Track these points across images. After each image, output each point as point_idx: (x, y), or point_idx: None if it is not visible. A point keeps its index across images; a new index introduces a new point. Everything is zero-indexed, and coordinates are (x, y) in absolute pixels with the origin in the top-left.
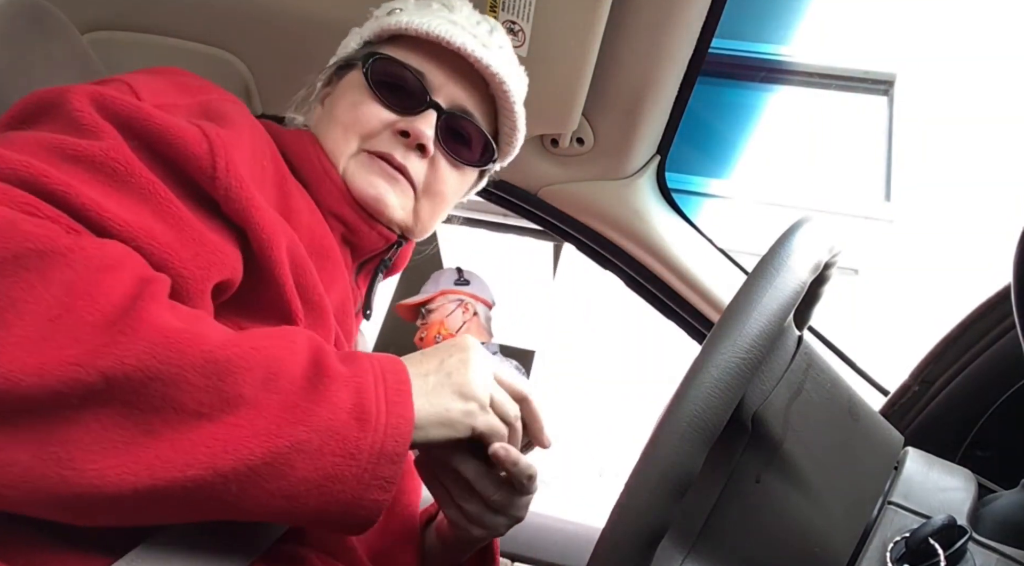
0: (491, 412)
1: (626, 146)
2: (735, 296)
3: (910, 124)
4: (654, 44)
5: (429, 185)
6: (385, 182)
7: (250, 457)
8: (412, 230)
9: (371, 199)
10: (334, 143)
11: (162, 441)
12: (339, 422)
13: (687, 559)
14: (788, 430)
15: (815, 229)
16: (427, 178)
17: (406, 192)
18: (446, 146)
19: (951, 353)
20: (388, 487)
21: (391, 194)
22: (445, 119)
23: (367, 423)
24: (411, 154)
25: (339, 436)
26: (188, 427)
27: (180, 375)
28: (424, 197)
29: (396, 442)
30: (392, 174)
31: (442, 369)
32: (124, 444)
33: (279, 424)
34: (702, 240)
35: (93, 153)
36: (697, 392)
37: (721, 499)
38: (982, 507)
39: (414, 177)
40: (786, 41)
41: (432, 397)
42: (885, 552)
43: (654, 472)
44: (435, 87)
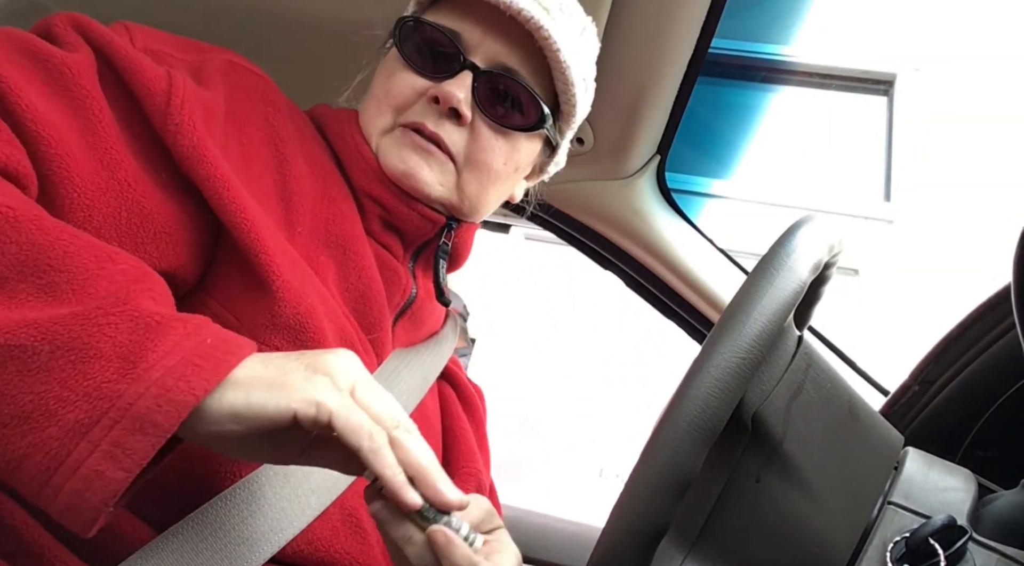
0: (348, 397)
1: (626, 146)
2: (735, 296)
3: (910, 124)
4: (654, 44)
5: (471, 155)
6: (417, 155)
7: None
8: (460, 209)
9: (402, 175)
10: (368, 119)
11: None
12: (92, 350)
13: (687, 559)
14: (788, 430)
15: (815, 229)
16: (467, 148)
17: (444, 166)
18: (486, 110)
19: (951, 353)
20: (124, 461)
21: (424, 169)
22: (483, 80)
23: (134, 365)
24: (445, 122)
25: (81, 364)
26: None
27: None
28: (467, 170)
29: (162, 404)
30: (424, 146)
31: (303, 357)
32: None
33: (21, 323)
34: (702, 240)
35: (52, 55)
36: (697, 392)
37: (721, 499)
38: (982, 507)
39: (451, 148)
40: (786, 41)
41: (270, 362)
42: (885, 552)
43: (654, 472)
44: (471, 46)
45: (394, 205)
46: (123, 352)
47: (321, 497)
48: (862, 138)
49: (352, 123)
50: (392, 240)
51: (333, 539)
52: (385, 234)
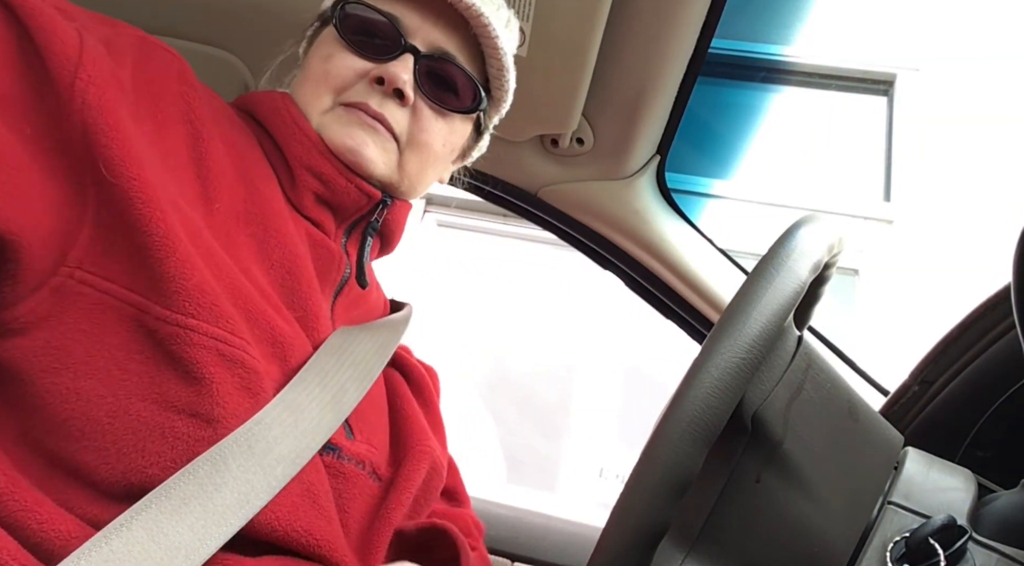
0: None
1: (626, 146)
2: (735, 296)
3: (910, 124)
4: (654, 44)
5: (413, 136)
6: (363, 132)
7: None
8: (398, 187)
9: (347, 150)
10: (306, 99)
11: None
12: None
13: (687, 559)
14: (788, 430)
15: (815, 229)
16: (410, 128)
17: (387, 145)
18: (427, 92)
19: (951, 353)
20: None
21: (369, 146)
22: (424, 63)
23: None
24: (389, 102)
25: None
26: None
27: None
28: (409, 150)
29: None
30: (370, 124)
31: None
32: None
33: None
34: (702, 240)
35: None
36: (697, 392)
37: (721, 499)
38: (982, 507)
39: (395, 127)
40: (786, 41)
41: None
42: (885, 552)
43: (654, 472)
44: (411, 30)
45: (334, 177)
46: None
47: (287, 467)
48: (862, 138)
49: (287, 100)
50: (325, 216)
51: (293, 516)
52: (318, 209)
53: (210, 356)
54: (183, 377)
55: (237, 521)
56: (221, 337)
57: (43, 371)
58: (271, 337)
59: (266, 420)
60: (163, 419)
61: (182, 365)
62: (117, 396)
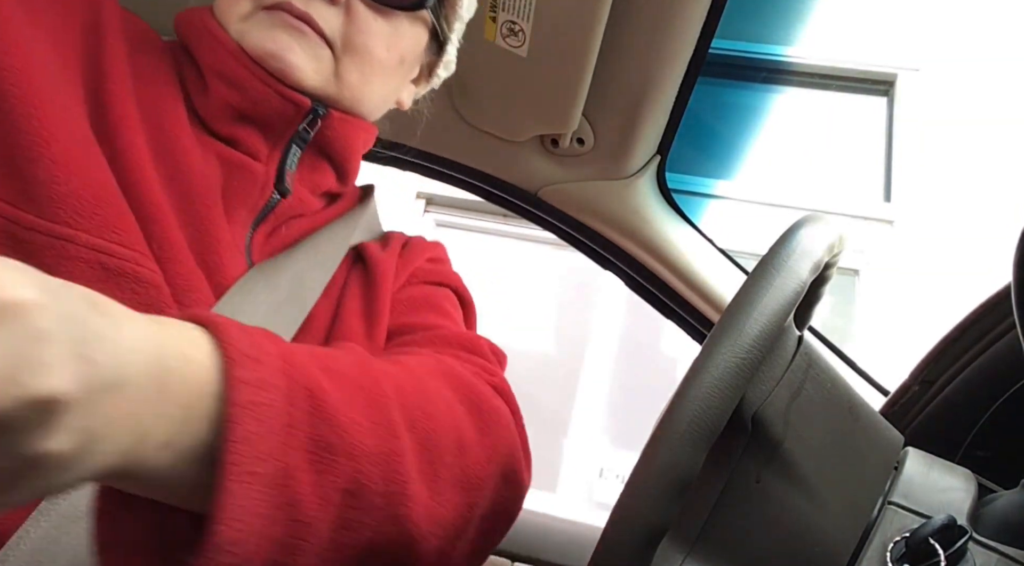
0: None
1: (626, 146)
2: (735, 296)
3: (910, 124)
4: (654, 44)
5: (348, 38)
6: (287, 35)
7: None
8: (339, 101)
9: (270, 56)
10: (223, 7)
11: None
12: None
13: (687, 559)
14: (788, 430)
15: (816, 229)
16: (344, 30)
17: (319, 51)
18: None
19: (951, 353)
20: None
21: (296, 51)
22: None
23: None
24: (315, 1)
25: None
26: None
27: None
28: (346, 55)
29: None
30: (294, 25)
31: None
32: None
33: None
34: (702, 240)
35: None
36: (697, 392)
37: (721, 499)
38: (982, 507)
39: (324, 29)
40: (786, 41)
41: None
42: (885, 552)
43: (654, 472)
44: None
45: (250, 83)
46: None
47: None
48: (862, 138)
49: (204, 12)
50: (247, 133)
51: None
52: (235, 126)
53: (90, 269)
54: None
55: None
56: (103, 248)
57: None
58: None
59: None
60: None
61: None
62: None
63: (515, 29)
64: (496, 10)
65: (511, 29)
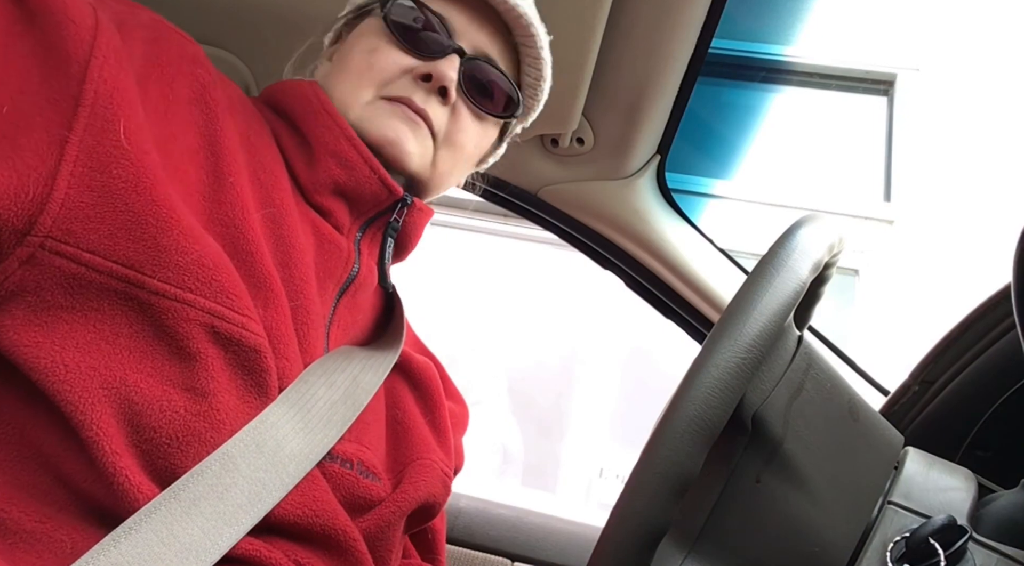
0: None
1: (626, 146)
2: (735, 296)
3: (910, 124)
4: (654, 44)
5: (450, 134)
6: (406, 126)
7: None
8: (427, 182)
9: (389, 143)
10: (345, 92)
11: None
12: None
13: (687, 559)
14: (788, 430)
15: (815, 229)
16: (448, 127)
17: (426, 139)
18: (468, 94)
19: (951, 353)
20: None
21: (410, 139)
22: (468, 65)
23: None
24: (432, 99)
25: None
26: None
27: None
28: (444, 147)
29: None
30: (413, 118)
31: None
32: None
33: None
34: (702, 240)
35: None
36: (697, 392)
37: (721, 499)
38: (982, 507)
39: (435, 124)
40: (786, 41)
41: None
42: (885, 552)
43: (654, 472)
44: (458, 32)
45: (359, 165)
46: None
47: (300, 463)
48: (862, 138)
49: (316, 88)
50: (338, 206)
51: (299, 502)
52: (332, 199)
53: (203, 332)
54: (175, 352)
55: (249, 520)
56: (218, 312)
57: (27, 347)
58: (284, 318)
59: (271, 418)
60: (159, 392)
61: (175, 340)
62: (111, 368)
63: None
64: None
65: None
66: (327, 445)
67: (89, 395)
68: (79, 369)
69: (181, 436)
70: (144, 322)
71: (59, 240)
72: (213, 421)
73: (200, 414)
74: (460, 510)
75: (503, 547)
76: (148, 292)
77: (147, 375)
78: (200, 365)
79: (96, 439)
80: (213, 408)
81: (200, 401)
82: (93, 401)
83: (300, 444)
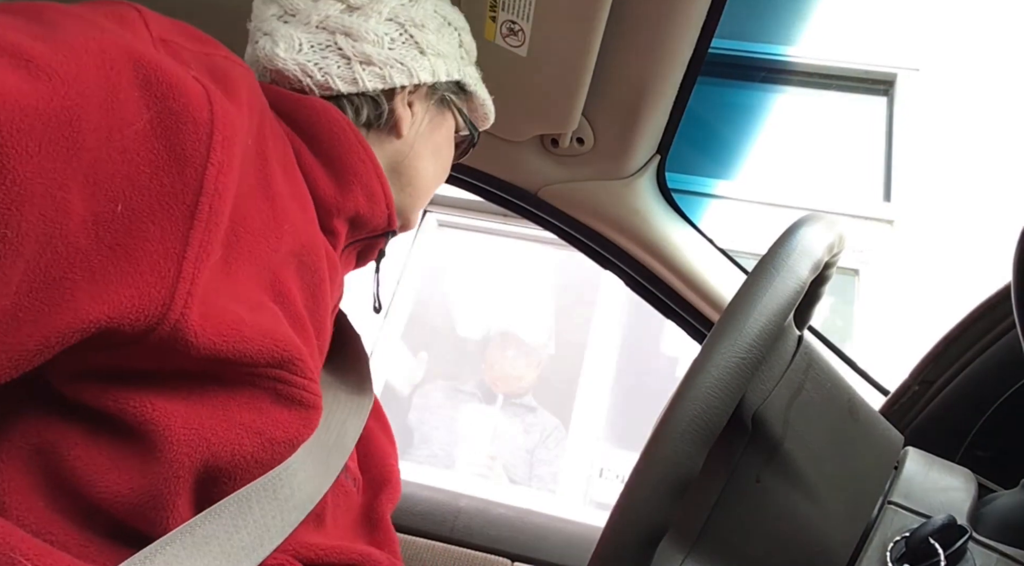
0: None
1: (626, 146)
2: (735, 296)
3: (910, 124)
4: (654, 44)
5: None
6: None
7: None
8: (407, 222)
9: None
10: (414, 209)
11: None
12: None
13: (687, 559)
14: (788, 430)
15: (815, 229)
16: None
17: None
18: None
19: (951, 353)
20: None
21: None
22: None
23: None
24: None
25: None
26: None
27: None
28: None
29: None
30: None
31: None
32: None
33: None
34: (702, 240)
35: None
36: (697, 392)
37: (721, 499)
38: (982, 507)
39: None
40: (786, 41)
41: None
42: (885, 552)
43: (654, 472)
44: None
45: (380, 199)
46: None
47: (301, 512)
48: (862, 138)
49: (348, 122)
50: (344, 230)
51: (302, 535)
52: (344, 224)
53: (266, 394)
54: (244, 404)
55: (250, 563)
56: (284, 378)
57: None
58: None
59: (293, 466)
60: (231, 434)
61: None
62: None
63: (515, 29)
64: (496, 10)
65: (511, 29)
66: (321, 492)
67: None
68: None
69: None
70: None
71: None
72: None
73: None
74: (460, 510)
75: (503, 547)
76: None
77: (221, 420)
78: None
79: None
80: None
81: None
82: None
83: (308, 491)
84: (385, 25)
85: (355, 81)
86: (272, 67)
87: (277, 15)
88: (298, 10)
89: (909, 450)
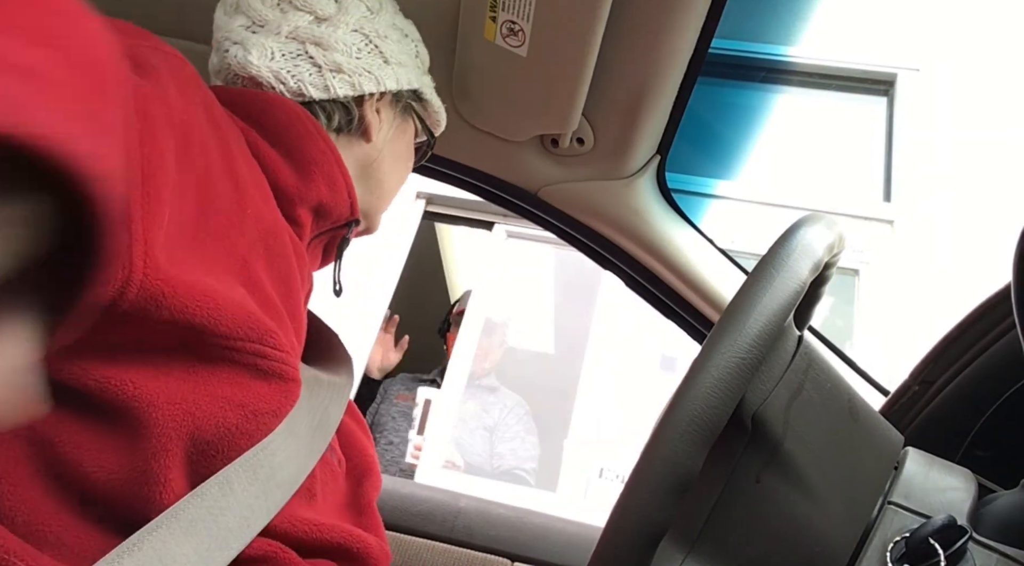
0: None
1: (626, 146)
2: (735, 296)
3: (910, 124)
4: (654, 44)
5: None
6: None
7: None
8: (372, 224)
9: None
10: (379, 209)
11: None
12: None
13: (687, 559)
14: (788, 430)
15: (816, 229)
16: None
17: None
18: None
19: (951, 353)
20: None
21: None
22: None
23: None
24: None
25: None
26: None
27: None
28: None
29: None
30: None
31: None
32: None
33: None
34: (702, 240)
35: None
36: (697, 392)
37: (721, 499)
38: (982, 507)
39: None
40: (786, 41)
41: None
42: (885, 552)
43: (654, 472)
44: None
45: (341, 188)
46: None
47: (286, 491)
48: (862, 138)
49: (307, 114)
50: (309, 220)
51: (293, 511)
52: (307, 213)
53: (246, 370)
54: (226, 378)
55: (238, 544)
56: (262, 353)
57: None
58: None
59: (271, 445)
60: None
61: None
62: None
63: (515, 29)
64: (496, 10)
65: (511, 29)
66: (304, 472)
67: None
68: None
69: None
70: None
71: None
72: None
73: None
74: (460, 510)
75: (503, 547)
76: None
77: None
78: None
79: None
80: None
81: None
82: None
83: (291, 471)
84: (352, 36)
85: (327, 88)
86: (245, 74)
87: (245, 26)
88: (267, 21)
89: (909, 450)
